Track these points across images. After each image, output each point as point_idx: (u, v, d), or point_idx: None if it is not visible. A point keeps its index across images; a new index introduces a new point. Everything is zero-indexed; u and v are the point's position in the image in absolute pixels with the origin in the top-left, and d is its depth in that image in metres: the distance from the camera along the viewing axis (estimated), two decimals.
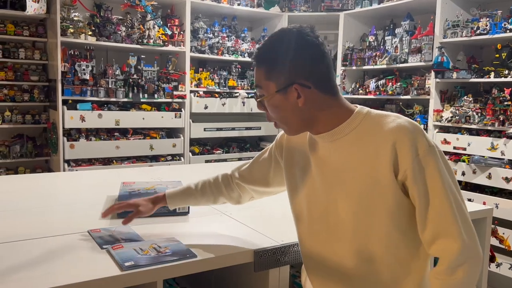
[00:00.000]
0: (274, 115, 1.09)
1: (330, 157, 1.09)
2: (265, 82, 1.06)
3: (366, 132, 1.04)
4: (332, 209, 1.10)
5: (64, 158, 3.63)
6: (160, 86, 4.05)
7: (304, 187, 1.17)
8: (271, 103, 1.07)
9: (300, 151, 1.19)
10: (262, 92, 1.08)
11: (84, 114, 3.64)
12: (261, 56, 1.08)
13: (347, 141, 1.06)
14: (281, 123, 1.11)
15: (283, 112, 1.07)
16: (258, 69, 1.08)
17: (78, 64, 3.61)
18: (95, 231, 1.41)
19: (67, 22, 3.61)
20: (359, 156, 1.04)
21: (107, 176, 2.51)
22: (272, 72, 1.05)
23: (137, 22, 3.94)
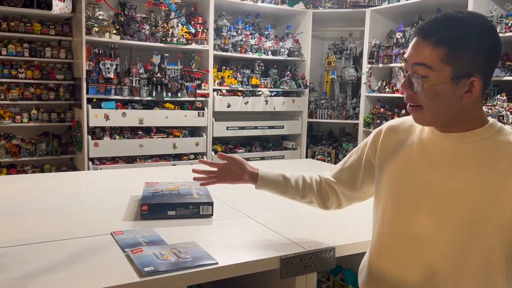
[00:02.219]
0: (426, 100, 0.97)
1: (449, 161, 1.00)
2: (439, 64, 0.93)
3: (496, 147, 0.96)
4: (427, 216, 1.01)
5: (89, 156, 3.66)
6: (183, 84, 4.04)
7: (403, 187, 1.07)
8: (435, 88, 0.95)
9: (405, 149, 1.10)
10: (429, 73, 0.94)
11: (108, 113, 3.66)
12: (446, 36, 0.93)
13: (472, 149, 0.98)
14: (427, 109, 0.98)
15: (441, 100, 0.96)
16: (435, 48, 0.93)
17: (102, 62, 3.63)
18: (118, 233, 1.38)
19: (92, 21, 3.63)
20: (484, 170, 0.95)
21: (131, 176, 2.50)
22: (453, 56, 0.93)
23: (161, 21, 3.94)
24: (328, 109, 4.76)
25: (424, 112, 0.99)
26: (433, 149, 1.04)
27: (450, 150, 1.01)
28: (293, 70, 4.66)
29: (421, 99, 0.98)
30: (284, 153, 4.65)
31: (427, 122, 1.03)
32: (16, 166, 3.90)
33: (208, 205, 1.61)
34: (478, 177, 0.95)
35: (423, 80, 0.95)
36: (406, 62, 1.00)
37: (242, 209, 1.74)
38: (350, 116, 4.65)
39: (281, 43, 4.56)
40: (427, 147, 1.05)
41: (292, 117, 4.74)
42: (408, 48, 1.00)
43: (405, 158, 1.09)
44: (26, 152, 3.88)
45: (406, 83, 0.99)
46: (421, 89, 0.96)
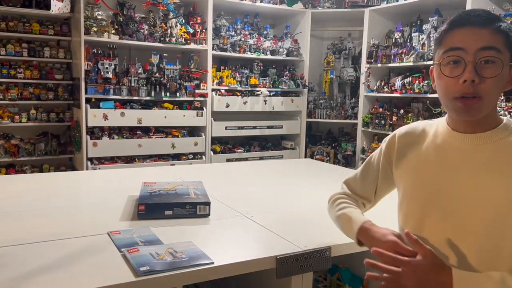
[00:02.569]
0: (491, 88, 0.96)
1: (468, 163, 1.00)
2: (504, 48, 0.96)
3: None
4: (454, 219, 1.00)
5: (87, 156, 3.66)
6: (182, 84, 4.04)
7: (423, 190, 1.06)
8: (502, 72, 0.96)
9: (422, 153, 1.10)
10: (500, 56, 0.95)
11: (107, 113, 3.66)
12: (502, 25, 0.97)
13: (489, 150, 0.99)
14: (488, 99, 0.96)
15: (500, 87, 0.98)
16: (496, 34, 0.95)
17: (101, 62, 3.64)
18: (115, 233, 1.39)
19: (91, 20, 3.64)
20: (503, 171, 0.96)
21: (129, 176, 2.50)
22: (509, 44, 0.97)
23: (159, 21, 3.94)
24: (327, 109, 4.76)
25: (483, 103, 0.97)
26: (451, 151, 1.04)
27: (468, 152, 1.01)
28: (292, 70, 4.66)
29: (484, 87, 0.96)
30: (283, 153, 4.66)
31: (481, 114, 0.99)
32: (15, 166, 3.91)
33: (205, 205, 1.61)
34: (498, 179, 0.95)
35: (496, 63, 0.95)
36: (462, 51, 0.96)
37: (240, 209, 1.74)
38: (349, 116, 4.66)
39: (280, 43, 4.56)
40: (444, 150, 1.05)
41: (291, 117, 4.75)
42: (454, 38, 0.98)
43: (423, 163, 1.08)
44: (25, 152, 3.88)
45: (473, 71, 0.95)
46: (498, 73, 0.95)
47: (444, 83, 1.00)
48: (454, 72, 0.97)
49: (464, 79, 0.95)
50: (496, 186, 0.95)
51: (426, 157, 1.09)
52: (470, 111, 0.97)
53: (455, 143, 1.04)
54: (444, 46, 1.00)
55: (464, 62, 0.96)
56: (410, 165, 1.12)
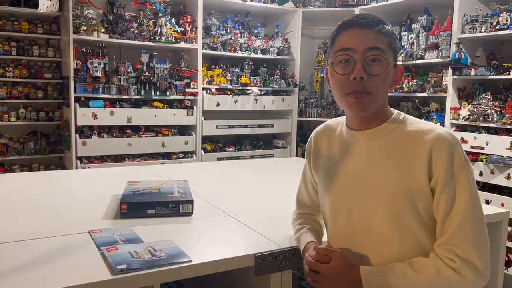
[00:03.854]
0: (379, 84, 1.06)
1: (365, 157, 1.11)
2: (388, 48, 1.07)
3: (405, 137, 1.07)
4: (360, 211, 1.12)
5: (77, 155, 3.65)
6: (172, 83, 4.04)
7: (333, 187, 1.18)
8: (387, 70, 1.07)
9: (330, 152, 1.21)
10: (385, 56, 1.06)
11: (96, 112, 3.65)
12: (384, 27, 1.08)
13: (383, 144, 1.09)
14: (376, 94, 1.06)
15: (387, 84, 1.08)
16: (381, 36, 1.07)
17: (90, 61, 3.62)
18: (96, 231, 1.39)
19: (80, 19, 3.62)
20: (395, 161, 1.06)
21: (117, 175, 2.50)
22: (392, 45, 1.09)
23: (146, 19, 3.93)
24: (318, 108, 4.77)
25: (372, 98, 1.06)
26: (351, 149, 1.14)
27: (365, 148, 1.11)
28: (282, 69, 4.67)
29: (372, 84, 1.05)
30: (274, 151, 4.67)
31: (372, 109, 1.08)
32: (4, 165, 3.89)
33: (188, 204, 1.62)
34: (391, 169, 1.06)
35: (387, 59, 1.06)
36: (352, 51, 1.05)
37: (224, 208, 1.75)
38: (340, 115, 4.65)
39: (270, 42, 4.56)
40: (346, 148, 1.16)
41: (282, 115, 4.75)
42: (344, 39, 1.07)
43: (331, 162, 1.19)
44: (14, 151, 3.86)
45: (362, 69, 1.04)
46: (383, 70, 1.05)
47: (337, 81, 1.09)
48: (346, 70, 1.06)
49: (354, 76, 1.04)
50: (390, 176, 1.06)
51: (333, 155, 1.20)
52: (362, 105, 1.06)
53: (353, 140, 1.14)
54: (336, 47, 1.09)
55: (354, 61, 1.05)
56: (322, 164, 1.23)
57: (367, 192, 1.10)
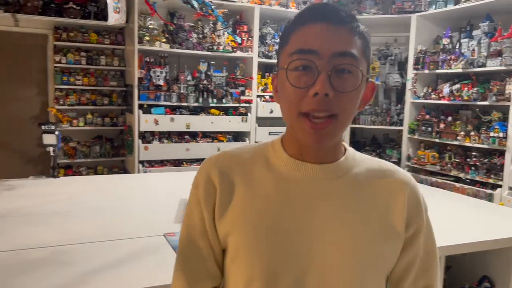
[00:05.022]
0: (349, 103, 0.75)
1: (328, 203, 0.78)
2: (362, 56, 0.75)
3: (370, 178, 0.82)
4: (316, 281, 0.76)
5: (139, 159, 3.85)
6: (228, 91, 4.17)
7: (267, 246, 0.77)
8: (360, 85, 0.75)
9: (255, 193, 0.80)
10: (358, 65, 0.74)
11: (157, 118, 3.84)
12: (359, 25, 0.76)
13: (344, 185, 0.80)
14: (344, 118, 0.75)
15: (357, 103, 0.77)
16: (354, 37, 0.75)
17: (153, 70, 3.82)
18: (170, 235, 1.49)
19: (143, 30, 3.83)
20: (366, 209, 0.79)
21: (179, 179, 2.63)
22: (367, 51, 0.78)
23: (208, 30, 4.08)
24: (372, 115, 4.73)
25: (337, 123, 0.75)
26: (302, 187, 0.79)
27: (325, 187, 0.79)
28: None
29: (339, 104, 0.73)
30: None
31: (335, 138, 0.78)
32: (72, 167, 4.17)
33: None
34: (363, 219, 0.79)
35: (354, 74, 0.74)
36: (314, 54, 0.72)
37: None
38: (394, 123, 4.60)
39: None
40: (290, 186, 0.79)
41: None
42: (305, 37, 0.74)
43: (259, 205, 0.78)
44: (82, 154, 4.13)
45: (328, 82, 0.72)
46: (356, 86, 0.74)
47: (290, 94, 0.75)
48: (303, 81, 0.73)
49: (315, 92, 0.72)
50: (360, 229, 0.78)
51: (261, 196, 0.79)
52: (322, 134, 0.74)
53: (304, 177, 0.79)
54: (292, 46, 0.75)
55: (317, 70, 0.72)
56: (241, 212, 0.79)
57: (328, 252, 0.76)
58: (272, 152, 0.84)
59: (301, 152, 0.80)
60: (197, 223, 0.83)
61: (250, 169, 0.82)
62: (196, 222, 0.83)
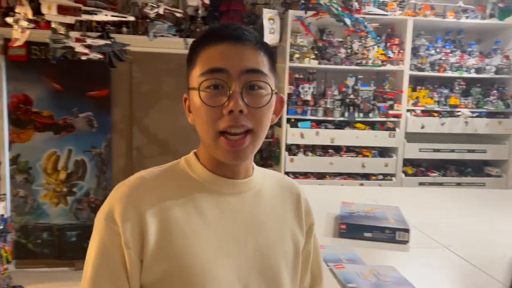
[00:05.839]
0: (263, 118, 0.79)
1: (261, 216, 0.84)
2: (269, 72, 0.81)
3: (278, 184, 0.92)
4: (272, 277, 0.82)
5: (285, 170, 4.03)
6: (375, 105, 4.08)
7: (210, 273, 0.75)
8: (272, 100, 0.81)
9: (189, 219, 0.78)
10: (268, 81, 0.80)
11: (303, 132, 3.97)
12: (263, 42, 0.82)
13: (272, 195, 0.89)
14: (259, 133, 0.79)
15: (270, 117, 0.82)
16: (260, 53, 0.80)
17: (301, 86, 3.97)
18: (321, 247, 1.54)
19: (294, 48, 4.01)
20: (288, 219, 0.89)
21: (324, 192, 2.68)
22: (274, 66, 0.84)
23: (357, 45, 4.07)
24: None
25: (254, 138, 0.79)
26: (232, 205, 0.81)
27: (252, 202, 0.84)
28: (500, 89, 4.20)
29: (254, 119, 0.78)
30: (486, 180, 4.21)
31: (252, 153, 0.81)
32: None
33: (405, 232, 1.64)
34: (289, 229, 0.89)
35: (272, 88, 0.80)
36: (224, 73, 0.76)
37: (440, 239, 1.71)
38: None
39: (487, 60, 4.17)
40: (222, 205, 0.80)
41: (497, 140, 4.27)
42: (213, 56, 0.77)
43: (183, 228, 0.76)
44: None
45: (240, 99, 0.75)
46: (268, 101, 0.79)
47: (204, 114, 0.77)
48: (216, 99, 0.76)
49: (230, 109, 0.75)
50: (288, 240, 0.87)
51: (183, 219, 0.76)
52: (239, 153, 0.78)
53: (230, 194, 0.82)
54: (201, 66, 0.78)
55: (228, 88, 0.76)
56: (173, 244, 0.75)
57: (269, 265, 0.81)
58: (189, 170, 0.83)
59: (220, 169, 0.82)
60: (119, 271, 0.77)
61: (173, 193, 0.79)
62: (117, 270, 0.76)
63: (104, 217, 0.74)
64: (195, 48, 0.81)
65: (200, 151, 0.85)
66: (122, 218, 0.73)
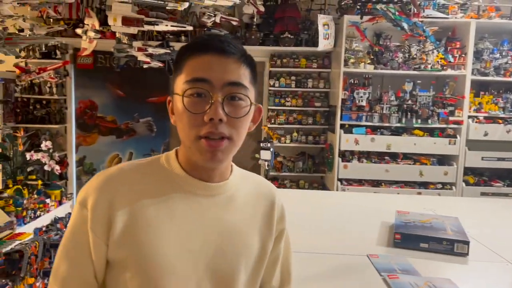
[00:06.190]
0: (240, 127, 0.84)
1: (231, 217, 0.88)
2: (249, 84, 0.86)
3: (253, 189, 0.95)
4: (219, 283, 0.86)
5: (338, 176, 3.98)
6: (434, 111, 3.94)
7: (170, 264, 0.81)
8: (250, 111, 0.86)
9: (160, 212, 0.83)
10: (247, 94, 0.84)
11: (358, 138, 3.91)
12: (247, 55, 0.86)
13: (245, 197, 0.92)
14: (237, 139, 0.85)
15: (247, 126, 0.87)
16: (243, 67, 0.85)
17: (356, 91, 3.92)
18: (374, 256, 1.52)
19: (349, 53, 3.97)
20: (259, 219, 0.93)
21: (379, 201, 2.62)
22: (254, 79, 0.88)
23: (415, 49, 3.96)
24: None
25: (230, 145, 0.84)
26: (203, 203, 0.86)
27: (223, 202, 0.88)
28: None
29: (232, 127, 0.83)
30: None
31: (228, 159, 0.86)
32: (278, 179, 4.59)
33: (464, 244, 1.58)
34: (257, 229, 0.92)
35: (245, 101, 0.84)
36: (207, 83, 0.81)
37: (502, 253, 1.62)
38: None
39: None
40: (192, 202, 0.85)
41: None
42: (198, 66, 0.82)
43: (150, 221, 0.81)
44: (287, 168, 4.51)
45: (221, 108, 0.80)
46: (246, 112, 0.84)
47: (186, 119, 0.82)
48: (199, 107, 0.81)
49: (210, 117, 0.80)
50: (255, 240, 0.91)
51: (152, 213, 0.82)
52: (216, 156, 0.82)
53: (203, 195, 0.87)
54: (186, 74, 0.83)
55: (210, 97, 0.81)
56: (141, 233, 0.81)
57: (226, 267, 0.86)
58: (168, 167, 0.88)
59: (198, 171, 0.86)
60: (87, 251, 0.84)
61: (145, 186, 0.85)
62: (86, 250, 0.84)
63: (79, 201, 0.83)
64: (182, 55, 0.86)
65: (180, 150, 0.90)
66: (93, 205, 0.80)
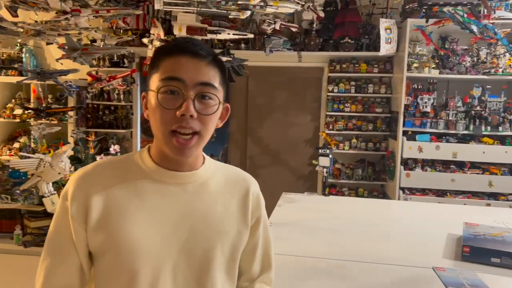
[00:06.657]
0: (209, 123, 0.93)
1: (200, 203, 0.95)
2: (219, 86, 0.94)
3: (225, 180, 1.01)
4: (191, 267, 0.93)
5: (400, 185, 3.85)
6: (506, 117, 3.70)
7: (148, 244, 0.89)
8: (219, 109, 0.95)
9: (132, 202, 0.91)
10: (217, 93, 0.93)
11: (422, 145, 3.76)
12: (217, 57, 0.94)
13: (217, 185, 0.99)
14: (205, 135, 0.93)
15: (215, 122, 0.96)
16: (213, 69, 0.93)
17: (420, 97, 3.78)
18: (440, 269, 1.46)
19: (413, 57, 3.84)
20: (230, 207, 0.98)
21: (445, 211, 2.50)
22: (223, 80, 0.96)
23: (485, 53, 3.75)
24: None
25: (199, 139, 0.92)
26: (174, 192, 0.94)
27: (193, 190, 0.95)
28: None
29: (201, 123, 0.91)
30: None
31: (196, 152, 0.94)
32: (336, 186, 4.52)
33: None
34: (230, 215, 0.97)
35: (214, 100, 0.92)
36: (181, 82, 0.88)
37: None
38: None
39: None
40: (163, 191, 0.93)
41: None
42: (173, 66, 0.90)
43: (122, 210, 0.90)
44: (345, 175, 4.43)
45: (192, 106, 0.89)
46: (215, 110, 0.93)
47: (160, 114, 0.90)
48: (172, 103, 0.89)
49: (182, 113, 0.88)
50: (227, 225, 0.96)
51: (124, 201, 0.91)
52: (184, 150, 0.91)
53: (171, 183, 0.94)
54: (162, 72, 0.91)
55: (183, 95, 0.89)
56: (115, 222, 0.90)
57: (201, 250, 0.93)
58: (140, 161, 0.96)
59: (167, 162, 0.94)
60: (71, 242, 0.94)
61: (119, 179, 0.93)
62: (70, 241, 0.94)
63: (62, 194, 0.93)
64: (159, 55, 0.94)
65: (152, 145, 0.98)
66: (72, 196, 0.90)
